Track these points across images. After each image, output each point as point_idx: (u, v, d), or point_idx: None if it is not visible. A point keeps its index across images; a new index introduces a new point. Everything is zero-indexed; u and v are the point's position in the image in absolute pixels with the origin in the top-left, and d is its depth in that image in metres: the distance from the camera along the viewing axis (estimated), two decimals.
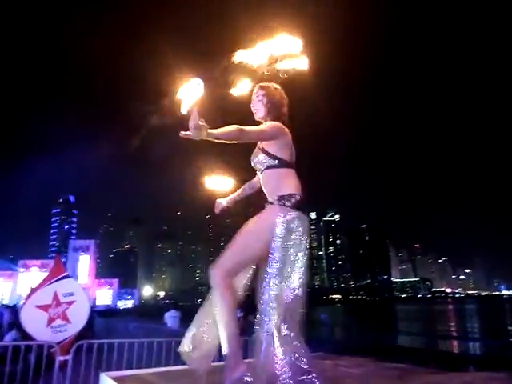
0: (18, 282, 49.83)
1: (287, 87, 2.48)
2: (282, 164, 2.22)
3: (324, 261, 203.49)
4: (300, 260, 2.04)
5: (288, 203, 2.09)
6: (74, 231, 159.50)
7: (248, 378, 1.89)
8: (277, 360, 1.85)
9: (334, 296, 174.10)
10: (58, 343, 4.90)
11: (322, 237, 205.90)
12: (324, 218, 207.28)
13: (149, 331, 10.01)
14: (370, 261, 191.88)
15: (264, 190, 2.28)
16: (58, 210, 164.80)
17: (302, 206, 2.13)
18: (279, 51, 2.29)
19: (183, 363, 2.42)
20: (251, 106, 2.41)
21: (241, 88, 2.38)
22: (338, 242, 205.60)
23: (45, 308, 5.04)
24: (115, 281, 57.01)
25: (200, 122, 1.86)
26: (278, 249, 2.01)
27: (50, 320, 5.03)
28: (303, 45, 2.29)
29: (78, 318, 5.18)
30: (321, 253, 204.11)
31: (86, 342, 4.90)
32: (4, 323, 11.13)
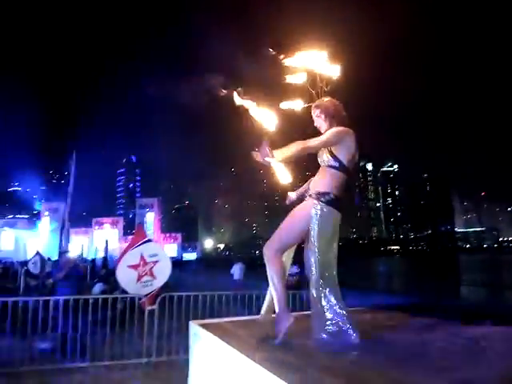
0: (94, 238, 54.83)
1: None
2: (339, 167, 2.52)
3: (382, 212, 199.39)
4: (330, 242, 2.46)
5: (322, 199, 2.45)
6: (138, 189, 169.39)
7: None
8: (319, 311, 2.33)
9: (392, 247, 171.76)
10: (146, 295, 5.67)
11: (380, 188, 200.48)
12: (382, 169, 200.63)
13: (217, 282, 10.88)
14: (432, 211, 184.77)
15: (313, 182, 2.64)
16: (123, 170, 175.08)
17: (336, 204, 2.48)
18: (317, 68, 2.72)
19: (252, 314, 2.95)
20: (315, 124, 2.76)
21: (292, 105, 2.83)
22: (397, 192, 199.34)
23: (134, 267, 5.83)
24: (179, 235, 60.67)
25: (269, 158, 2.33)
26: (314, 235, 2.42)
27: (139, 277, 5.82)
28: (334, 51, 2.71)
29: (162, 274, 5.95)
30: (378, 204, 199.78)
31: (168, 294, 5.64)
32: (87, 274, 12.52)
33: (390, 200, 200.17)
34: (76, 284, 7.06)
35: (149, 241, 6.33)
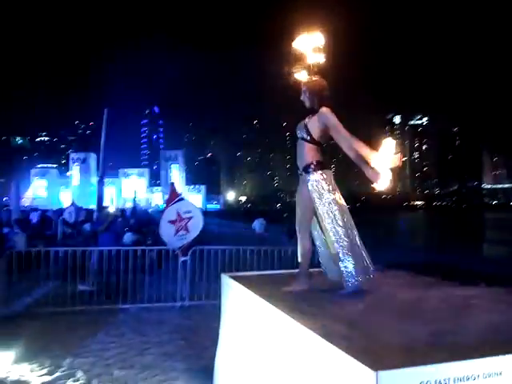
0: (122, 188, 56.67)
1: None
2: (312, 141, 2.98)
3: (407, 167, 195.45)
4: (337, 205, 2.86)
5: (310, 169, 2.93)
6: (161, 140, 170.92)
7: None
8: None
9: (416, 202, 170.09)
10: (180, 248, 6.27)
11: (407, 142, 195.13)
12: (410, 122, 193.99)
13: (240, 236, 11.49)
14: (460, 166, 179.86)
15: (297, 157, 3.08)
16: (146, 121, 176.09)
17: (321, 166, 2.95)
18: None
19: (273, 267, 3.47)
20: (301, 98, 3.13)
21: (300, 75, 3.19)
22: (425, 147, 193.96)
23: (173, 222, 6.39)
24: (203, 187, 62.00)
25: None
26: (323, 198, 2.87)
27: (177, 231, 6.39)
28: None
29: (195, 228, 6.53)
30: (404, 158, 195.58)
31: (199, 247, 6.22)
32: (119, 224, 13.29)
33: (416, 154, 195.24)
34: (115, 235, 7.73)
35: (182, 199, 6.87)
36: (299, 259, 3.04)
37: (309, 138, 2.96)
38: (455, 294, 2.60)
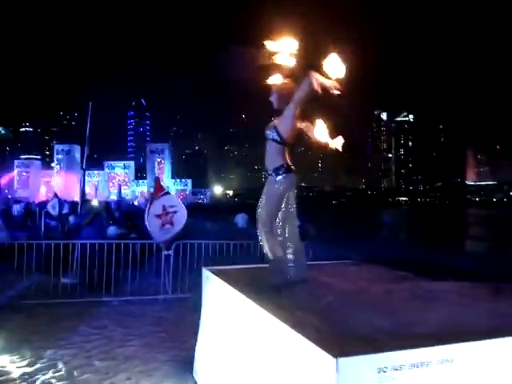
0: (106, 180, 56.09)
1: None
2: (281, 141, 3.10)
3: (393, 163, 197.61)
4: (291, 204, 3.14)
5: (280, 172, 3.09)
6: (148, 133, 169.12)
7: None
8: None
9: (400, 198, 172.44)
10: (163, 241, 6.34)
11: (393, 138, 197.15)
12: (396, 119, 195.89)
13: (222, 230, 11.58)
14: (444, 163, 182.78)
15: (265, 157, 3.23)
16: (132, 113, 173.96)
17: (290, 169, 3.13)
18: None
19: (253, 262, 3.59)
20: (270, 98, 3.25)
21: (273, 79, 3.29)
22: (410, 143, 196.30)
23: (159, 216, 6.43)
24: (189, 181, 61.85)
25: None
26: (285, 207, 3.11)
27: (162, 225, 6.43)
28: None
29: (179, 222, 6.57)
30: (390, 155, 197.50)
31: (182, 242, 6.30)
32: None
33: (402, 151, 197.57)
34: (99, 228, 7.74)
35: (168, 193, 6.92)
36: (269, 255, 3.17)
37: (279, 138, 3.08)
38: (423, 287, 2.74)
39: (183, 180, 62.32)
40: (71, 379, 3.65)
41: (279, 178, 3.07)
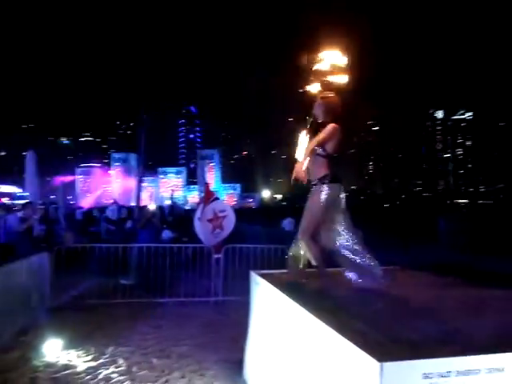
0: (160, 186, 58.45)
1: None
2: (326, 155, 3.19)
3: (450, 164, 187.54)
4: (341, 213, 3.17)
5: (326, 181, 3.14)
6: (198, 139, 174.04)
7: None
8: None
9: (459, 201, 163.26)
10: (214, 245, 6.57)
11: (449, 138, 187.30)
12: (453, 117, 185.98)
13: (272, 233, 11.68)
14: (506, 163, 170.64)
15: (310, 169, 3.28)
16: (183, 121, 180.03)
17: (335, 179, 3.17)
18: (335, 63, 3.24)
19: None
20: (313, 111, 3.30)
21: (311, 88, 3.37)
22: (469, 143, 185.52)
23: (210, 221, 6.71)
24: (238, 185, 62.81)
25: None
26: (333, 208, 3.15)
27: (213, 229, 6.69)
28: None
29: (229, 226, 6.79)
30: (447, 155, 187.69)
31: (232, 245, 6.49)
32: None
33: (460, 150, 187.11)
34: (153, 232, 8.15)
35: (217, 198, 7.18)
36: (314, 263, 3.20)
37: (322, 151, 3.16)
38: (475, 295, 2.65)
39: (232, 185, 63.39)
40: (130, 374, 3.90)
41: (324, 186, 3.12)
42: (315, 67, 3.30)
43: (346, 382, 1.74)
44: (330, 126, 3.14)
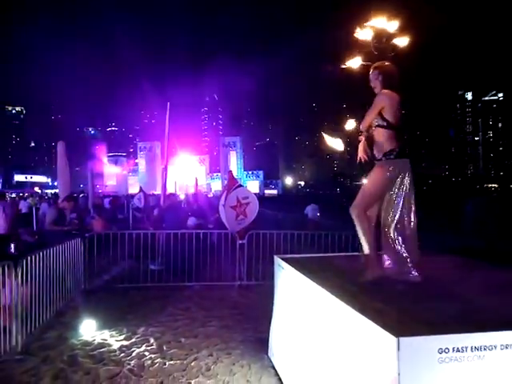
0: (184, 174, 59.15)
1: None
2: (387, 125, 2.92)
3: (480, 147, 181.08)
4: (406, 191, 2.89)
5: (392, 156, 2.90)
6: (220, 127, 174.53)
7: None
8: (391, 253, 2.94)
9: (489, 185, 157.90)
10: (237, 231, 6.72)
11: (480, 120, 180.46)
12: (484, 98, 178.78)
13: (294, 220, 11.77)
14: None
15: (374, 146, 3.05)
16: (206, 109, 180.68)
17: (402, 154, 2.93)
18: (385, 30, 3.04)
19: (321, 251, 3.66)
20: (370, 84, 3.07)
21: (352, 63, 3.20)
22: (500, 125, 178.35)
23: (234, 207, 6.87)
24: (261, 172, 62.85)
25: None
26: (401, 186, 2.89)
27: (237, 215, 6.85)
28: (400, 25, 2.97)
29: (252, 213, 6.92)
30: (477, 138, 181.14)
31: (255, 231, 6.62)
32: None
33: (490, 133, 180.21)
34: (179, 217, 8.40)
35: (240, 186, 7.30)
36: (363, 244, 2.97)
37: (385, 123, 2.90)
38: (497, 277, 2.67)
39: (255, 172, 63.53)
40: (161, 353, 4.12)
41: (389, 161, 2.87)
42: (363, 36, 3.09)
43: (367, 358, 1.83)
44: (385, 92, 2.91)
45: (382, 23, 3.12)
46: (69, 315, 5.17)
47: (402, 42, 3.08)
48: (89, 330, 4.63)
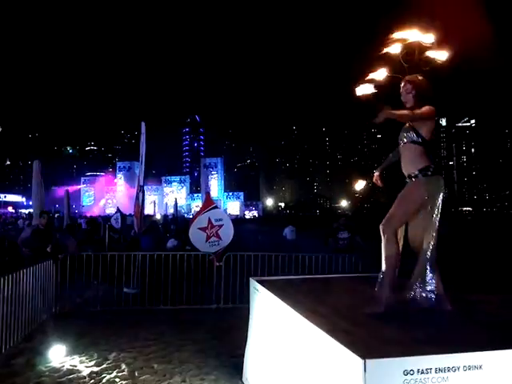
0: (163, 195, 58.63)
1: None
2: (422, 142, 2.81)
3: (454, 171, 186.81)
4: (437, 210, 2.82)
5: (429, 173, 2.75)
6: (202, 148, 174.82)
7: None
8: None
9: (463, 208, 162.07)
10: (214, 253, 6.68)
11: (454, 145, 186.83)
12: (457, 124, 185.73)
13: (273, 242, 11.78)
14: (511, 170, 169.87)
15: (404, 162, 2.91)
16: (187, 129, 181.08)
17: (438, 170, 2.82)
18: (419, 44, 2.84)
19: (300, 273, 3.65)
20: (401, 98, 2.92)
21: (378, 75, 2.98)
22: (473, 150, 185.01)
23: (203, 229, 6.81)
24: (241, 193, 62.96)
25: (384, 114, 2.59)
26: (433, 205, 2.80)
27: (207, 237, 6.80)
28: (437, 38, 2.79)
29: (226, 235, 6.89)
30: (451, 163, 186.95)
31: (232, 253, 6.60)
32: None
33: (464, 158, 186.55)
34: (156, 239, 8.28)
35: (216, 207, 7.29)
36: (383, 266, 2.73)
37: (420, 139, 2.77)
38: (464, 299, 2.75)
39: (236, 193, 63.59)
40: (133, 379, 3.99)
41: (426, 178, 2.72)
42: (392, 50, 2.87)
43: (336, 380, 1.84)
44: (428, 107, 2.72)
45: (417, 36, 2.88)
46: (37, 340, 4.98)
47: (441, 55, 2.86)
48: (58, 355, 4.46)
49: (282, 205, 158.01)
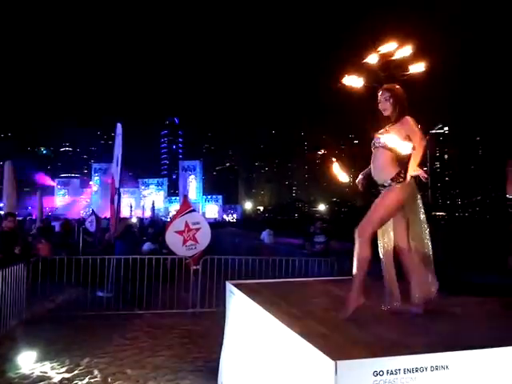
0: (140, 198, 57.81)
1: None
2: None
3: (428, 177, 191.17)
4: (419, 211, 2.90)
5: (401, 179, 2.78)
6: (180, 151, 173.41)
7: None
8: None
9: (437, 213, 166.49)
10: (191, 257, 6.64)
11: (427, 151, 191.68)
12: (431, 131, 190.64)
13: (250, 246, 11.80)
14: (482, 177, 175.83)
15: (375, 167, 2.97)
16: (166, 132, 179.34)
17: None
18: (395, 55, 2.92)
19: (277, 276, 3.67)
20: (379, 106, 2.99)
21: (353, 82, 3.03)
22: (446, 156, 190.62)
23: (180, 233, 6.75)
24: (220, 197, 62.67)
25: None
26: (414, 208, 2.89)
27: (184, 241, 6.75)
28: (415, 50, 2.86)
29: (204, 239, 6.86)
30: (425, 169, 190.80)
31: (210, 257, 6.58)
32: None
33: (437, 164, 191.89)
34: (131, 243, 8.15)
35: (193, 210, 7.26)
36: (354, 269, 2.73)
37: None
38: (440, 303, 2.81)
39: (214, 196, 63.28)
40: None
41: (399, 185, 2.75)
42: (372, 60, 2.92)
43: (308, 381, 1.86)
44: (410, 120, 2.79)
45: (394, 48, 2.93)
46: (6, 346, 4.82)
47: (418, 68, 2.93)
48: (28, 362, 4.34)
49: (261, 208, 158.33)
